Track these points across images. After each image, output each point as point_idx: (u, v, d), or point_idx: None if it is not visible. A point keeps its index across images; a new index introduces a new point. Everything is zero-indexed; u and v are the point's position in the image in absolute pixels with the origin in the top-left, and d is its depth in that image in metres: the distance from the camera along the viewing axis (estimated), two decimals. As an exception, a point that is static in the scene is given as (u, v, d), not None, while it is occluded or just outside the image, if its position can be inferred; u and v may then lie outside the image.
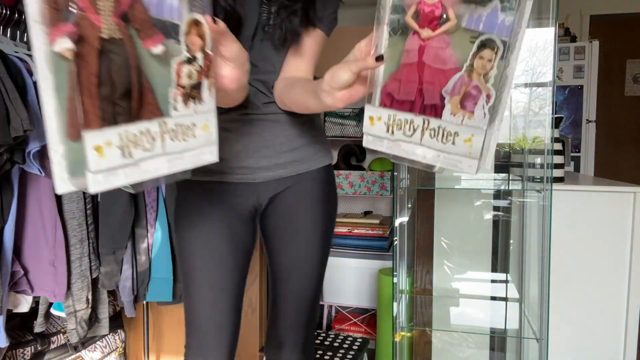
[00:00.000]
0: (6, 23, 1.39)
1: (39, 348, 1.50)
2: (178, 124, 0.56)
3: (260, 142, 0.96)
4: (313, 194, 1.03)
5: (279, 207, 1.03)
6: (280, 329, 1.09)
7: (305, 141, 1.00)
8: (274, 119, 0.97)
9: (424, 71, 0.57)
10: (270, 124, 0.97)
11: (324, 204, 1.05)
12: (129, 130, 0.50)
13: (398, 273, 1.57)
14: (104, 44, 0.48)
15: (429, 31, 0.56)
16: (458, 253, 1.72)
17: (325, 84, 0.66)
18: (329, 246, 1.09)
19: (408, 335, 1.74)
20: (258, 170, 0.97)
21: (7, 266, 1.27)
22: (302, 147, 1.00)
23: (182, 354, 1.04)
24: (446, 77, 0.56)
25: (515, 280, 1.69)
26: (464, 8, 0.54)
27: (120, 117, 0.50)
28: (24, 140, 1.20)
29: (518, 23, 0.53)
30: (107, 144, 0.48)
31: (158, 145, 0.54)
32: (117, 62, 0.49)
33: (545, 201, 1.37)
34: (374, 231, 2.26)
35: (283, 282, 1.06)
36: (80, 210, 1.40)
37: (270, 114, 0.96)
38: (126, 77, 0.50)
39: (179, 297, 1.72)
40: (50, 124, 0.46)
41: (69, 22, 0.45)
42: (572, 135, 3.22)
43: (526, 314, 1.60)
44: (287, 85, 0.93)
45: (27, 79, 1.23)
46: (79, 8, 0.45)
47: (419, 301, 1.74)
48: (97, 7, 0.47)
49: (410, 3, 0.56)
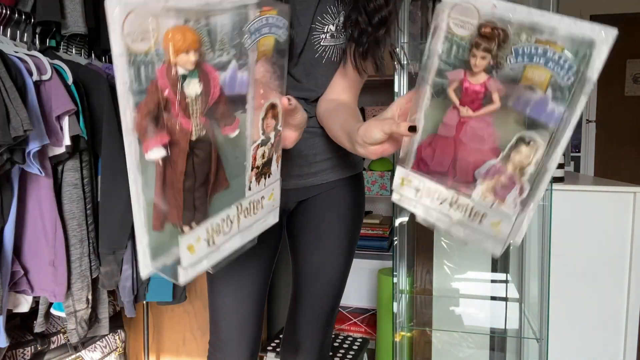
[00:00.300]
0: (6, 23, 1.39)
1: (39, 348, 1.50)
2: (251, 201, 0.58)
3: (295, 153, 0.96)
4: (343, 201, 1.04)
5: (307, 210, 1.04)
6: (299, 330, 1.09)
7: (340, 152, 1.00)
8: (311, 132, 0.97)
9: (460, 147, 0.55)
10: (307, 136, 0.95)
11: (353, 211, 1.06)
12: (213, 222, 0.52)
13: (398, 273, 1.57)
14: (192, 144, 0.49)
15: (469, 111, 0.53)
16: (458, 253, 1.72)
17: (359, 137, 0.67)
18: (354, 251, 1.10)
19: (408, 335, 1.74)
20: (289, 177, 0.97)
21: (7, 266, 1.27)
22: (335, 157, 1.01)
23: (182, 354, 1.05)
24: (482, 156, 0.53)
25: (515, 280, 1.69)
26: (511, 89, 0.50)
27: (198, 203, 0.51)
28: (24, 140, 1.20)
29: (568, 117, 0.49)
30: (197, 241, 0.51)
31: (235, 226, 0.56)
32: (201, 156, 0.50)
33: (545, 201, 1.37)
34: (374, 231, 2.26)
35: (307, 283, 1.07)
36: (80, 210, 1.39)
37: (309, 128, 0.95)
38: (207, 167, 0.51)
39: (179, 297, 1.72)
40: (138, 219, 0.47)
41: (163, 132, 0.45)
42: (572, 135, 3.22)
43: (526, 314, 1.60)
44: (329, 110, 0.93)
45: (27, 79, 1.23)
46: (173, 115, 0.46)
47: (419, 301, 1.74)
48: (188, 112, 0.48)
49: (454, 78, 0.53)
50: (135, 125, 0.44)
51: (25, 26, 1.46)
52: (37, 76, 1.27)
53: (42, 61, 1.30)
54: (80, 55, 1.68)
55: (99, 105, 1.45)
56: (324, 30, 0.92)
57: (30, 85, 1.23)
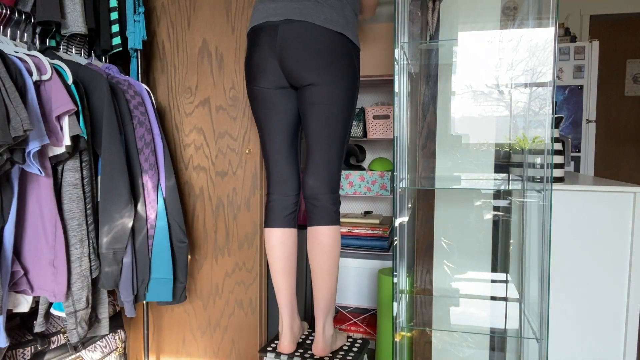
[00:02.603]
0: (6, 23, 1.39)
1: (39, 348, 1.50)
2: None
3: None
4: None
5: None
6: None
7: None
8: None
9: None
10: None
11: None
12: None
13: (398, 273, 1.57)
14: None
15: None
16: (458, 253, 1.72)
17: None
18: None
19: (408, 335, 1.74)
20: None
21: (7, 266, 1.27)
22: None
23: (182, 354, 1.05)
24: None
25: (515, 280, 1.69)
26: None
27: None
28: (24, 140, 1.20)
29: None
30: None
31: None
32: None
33: (545, 201, 1.37)
34: (374, 231, 2.26)
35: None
36: (80, 210, 1.40)
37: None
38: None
39: (179, 297, 1.72)
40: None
41: None
42: (572, 135, 3.22)
43: (526, 314, 1.60)
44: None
45: (27, 79, 1.23)
46: None
47: (419, 301, 1.74)
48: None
49: None
50: None
51: (25, 26, 1.46)
52: (37, 76, 1.27)
53: (42, 61, 1.30)
54: (80, 55, 1.68)
55: (99, 105, 1.45)
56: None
57: (30, 85, 1.23)
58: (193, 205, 1.96)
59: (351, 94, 1.52)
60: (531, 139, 1.50)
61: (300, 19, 1.43)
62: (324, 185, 1.53)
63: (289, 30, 1.44)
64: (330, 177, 1.54)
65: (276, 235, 1.57)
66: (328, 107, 1.48)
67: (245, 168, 1.89)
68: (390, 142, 2.56)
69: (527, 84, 1.52)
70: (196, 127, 1.93)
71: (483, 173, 1.66)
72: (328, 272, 1.53)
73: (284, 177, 1.59)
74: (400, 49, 1.44)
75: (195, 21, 1.91)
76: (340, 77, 1.47)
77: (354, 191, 2.37)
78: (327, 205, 1.53)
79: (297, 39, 1.44)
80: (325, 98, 1.47)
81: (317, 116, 1.50)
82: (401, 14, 1.48)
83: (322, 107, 1.48)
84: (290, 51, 1.45)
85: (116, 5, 1.68)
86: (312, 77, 1.46)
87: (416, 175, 1.69)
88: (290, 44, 1.45)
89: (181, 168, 1.96)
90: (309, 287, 2.20)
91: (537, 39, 1.44)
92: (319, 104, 1.48)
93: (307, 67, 1.45)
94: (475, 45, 1.55)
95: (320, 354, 1.58)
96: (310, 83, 1.47)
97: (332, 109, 1.49)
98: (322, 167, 1.53)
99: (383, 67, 2.18)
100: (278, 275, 1.57)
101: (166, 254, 1.62)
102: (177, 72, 1.94)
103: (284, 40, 1.45)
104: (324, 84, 1.46)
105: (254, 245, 1.90)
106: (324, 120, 1.49)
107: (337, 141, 1.53)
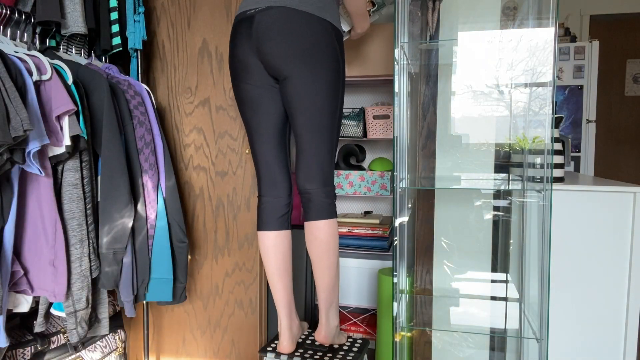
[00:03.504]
0: (6, 23, 1.39)
1: (39, 348, 1.50)
2: None
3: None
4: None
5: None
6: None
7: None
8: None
9: None
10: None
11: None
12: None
13: (398, 273, 1.57)
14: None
15: None
16: (458, 253, 1.72)
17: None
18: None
19: (408, 335, 1.74)
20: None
21: (7, 266, 1.27)
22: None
23: (182, 354, 1.05)
24: None
25: (515, 280, 1.69)
26: None
27: None
28: (24, 140, 1.20)
29: None
30: None
31: None
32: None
33: (545, 201, 1.37)
34: (374, 231, 2.26)
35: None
36: (80, 210, 1.40)
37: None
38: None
39: (179, 297, 1.72)
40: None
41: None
42: (572, 135, 3.22)
43: (526, 314, 1.60)
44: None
45: (27, 79, 1.23)
46: None
47: (419, 301, 1.74)
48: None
49: None
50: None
51: (25, 26, 1.46)
52: (37, 76, 1.27)
53: (42, 61, 1.30)
54: (80, 55, 1.68)
55: (99, 105, 1.45)
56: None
57: (30, 85, 1.23)
58: (193, 205, 1.96)
59: (335, 82, 1.45)
60: (531, 139, 1.50)
61: (277, 4, 1.38)
62: (315, 179, 1.51)
63: (264, 17, 1.39)
64: (322, 170, 1.51)
65: (270, 237, 1.56)
66: (311, 99, 1.43)
67: (245, 168, 1.89)
68: (390, 142, 2.56)
69: (527, 84, 1.52)
70: (196, 127, 1.93)
71: (483, 173, 1.66)
72: (327, 265, 1.53)
73: (275, 178, 1.58)
74: (400, 49, 1.44)
75: (195, 21, 1.91)
76: (320, 65, 1.40)
77: (354, 191, 2.37)
78: (321, 199, 1.52)
79: (273, 26, 1.38)
80: (307, 89, 1.42)
81: (301, 109, 1.44)
82: (401, 14, 1.48)
83: (304, 100, 1.43)
84: (265, 40, 1.40)
85: (116, 5, 1.68)
86: (289, 67, 1.40)
87: (416, 175, 1.69)
88: (265, 32, 1.39)
89: (181, 168, 1.96)
90: (308, 287, 2.20)
91: (537, 39, 1.44)
92: (301, 95, 1.42)
93: (284, 56, 1.39)
94: (475, 45, 1.55)
95: (321, 341, 1.59)
96: (289, 74, 1.41)
97: (316, 100, 1.43)
98: (312, 161, 1.49)
99: (383, 67, 2.18)
100: (274, 277, 1.57)
101: (166, 254, 1.62)
102: (177, 72, 1.94)
103: (259, 30, 1.40)
104: (302, 75, 1.40)
105: (254, 245, 1.90)
106: (308, 113, 1.44)
107: (325, 133, 1.48)
